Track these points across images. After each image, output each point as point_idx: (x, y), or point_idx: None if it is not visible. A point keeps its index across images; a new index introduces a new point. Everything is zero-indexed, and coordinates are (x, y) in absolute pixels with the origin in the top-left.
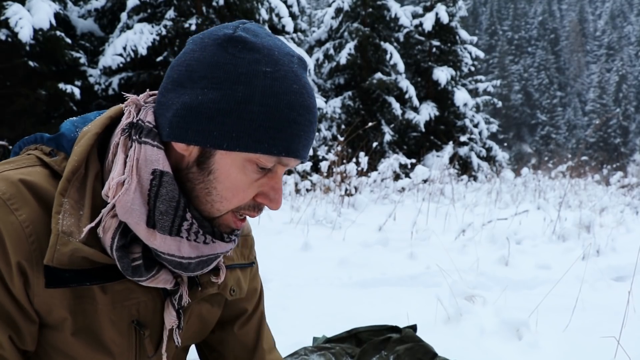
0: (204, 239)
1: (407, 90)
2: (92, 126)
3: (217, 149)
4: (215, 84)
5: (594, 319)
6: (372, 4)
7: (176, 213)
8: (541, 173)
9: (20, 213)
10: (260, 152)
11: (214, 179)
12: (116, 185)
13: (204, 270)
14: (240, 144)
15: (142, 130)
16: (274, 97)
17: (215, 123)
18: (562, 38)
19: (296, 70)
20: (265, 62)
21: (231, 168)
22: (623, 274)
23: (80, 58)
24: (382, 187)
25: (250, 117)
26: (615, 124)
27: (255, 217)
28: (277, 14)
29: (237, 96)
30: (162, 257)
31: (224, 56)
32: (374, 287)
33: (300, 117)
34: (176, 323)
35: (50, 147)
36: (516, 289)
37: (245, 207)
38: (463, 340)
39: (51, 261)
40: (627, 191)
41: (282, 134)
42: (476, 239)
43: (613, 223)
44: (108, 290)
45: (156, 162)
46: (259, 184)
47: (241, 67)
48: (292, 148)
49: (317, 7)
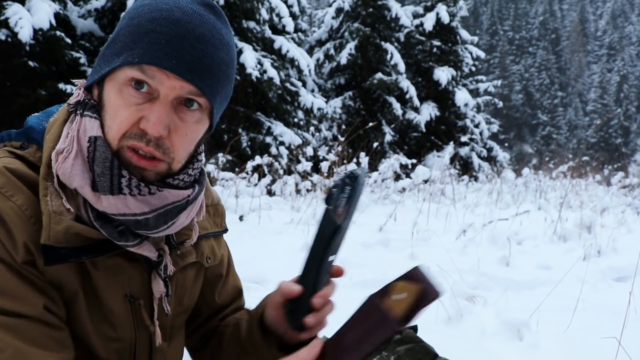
0: (149, 190)
1: (407, 90)
2: (59, 115)
3: (100, 78)
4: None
5: (595, 320)
6: (373, 3)
7: (112, 172)
8: (542, 173)
9: (16, 199)
10: (120, 63)
11: (105, 112)
12: (55, 155)
13: (169, 226)
14: (111, 64)
15: (86, 105)
16: (138, 17)
17: (102, 57)
18: (563, 38)
19: (180, 1)
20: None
21: (111, 94)
22: (624, 274)
23: (80, 58)
24: (383, 188)
25: (119, 39)
26: (616, 124)
27: (152, 154)
28: (277, 14)
29: (116, 30)
30: (117, 220)
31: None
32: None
33: (162, 27)
34: (164, 291)
35: (19, 141)
36: (517, 289)
37: (132, 135)
38: (464, 340)
39: (47, 239)
40: (628, 191)
41: (140, 43)
42: (477, 239)
43: (614, 223)
44: (100, 266)
45: (91, 130)
46: (139, 109)
47: (129, 8)
48: (148, 54)
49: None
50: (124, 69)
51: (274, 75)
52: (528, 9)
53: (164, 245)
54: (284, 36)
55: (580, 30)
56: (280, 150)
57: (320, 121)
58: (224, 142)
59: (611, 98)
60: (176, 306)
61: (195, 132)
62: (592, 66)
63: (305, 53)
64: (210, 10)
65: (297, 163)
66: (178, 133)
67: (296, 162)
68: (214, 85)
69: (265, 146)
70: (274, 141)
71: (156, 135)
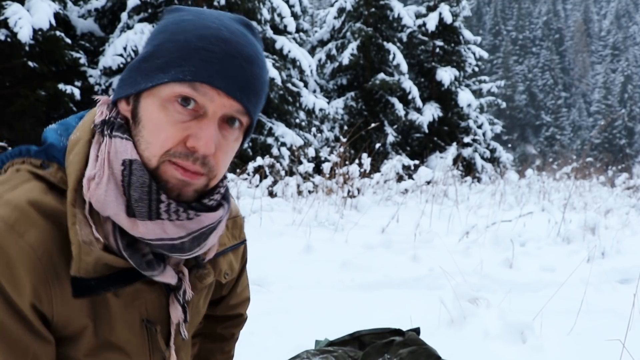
0: (187, 215)
1: (410, 90)
2: (82, 133)
3: (136, 92)
4: (146, 44)
5: (599, 322)
6: (375, 3)
7: (150, 197)
8: (546, 174)
9: (28, 236)
10: (169, 79)
11: (142, 128)
12: (87, 181)
13: (202, 247)
14: (154, 79)
15: (113, 125)
16: (184, 33)
17: (137, 70)
18: (567, 38)
19: (221, 17)
20: (187, 13)
21: (152, 109)
22: (628, 276)
23: (80, 58)
24: (385, 189)
25: (161, 54)
26: (620, 125)
27: (199, 174)
28: (279, 14)
29: (154, 43)
30: (153, 245)
31: (160, 22)
32: (376, 290)
33: (213, 46)
34: (182, 317)
35: (39, 159)
36: (520, 291)
37: (177, 154)
38: (467, 343)
39: (78, 272)
40: (633, 193)
41: (191, 60)
42: (480, 241)
43: (618, 225)
44: (120, 294)
45: (124, 153)
46: (186, 127)
47: (166, 20)
48: (201, 73)
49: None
50: (171, 85)
51: (276, 75)
52: (531, 9)
53: (183, 267)
54: (286, 36)
55: (584, 30)
56: (281, 151)
57: (322, 122)
58: None
59: (615, 98)
60: (191, 328)
61: (233, 150)
62: (596, 66)
63: (307, 53)
64: (250, 31)
65: (298, 164)
66: (222, 151)
67: (298, 163)
68: (257, 104)
69: (267, 147)
70: (276, 142)
71: (208, 154)
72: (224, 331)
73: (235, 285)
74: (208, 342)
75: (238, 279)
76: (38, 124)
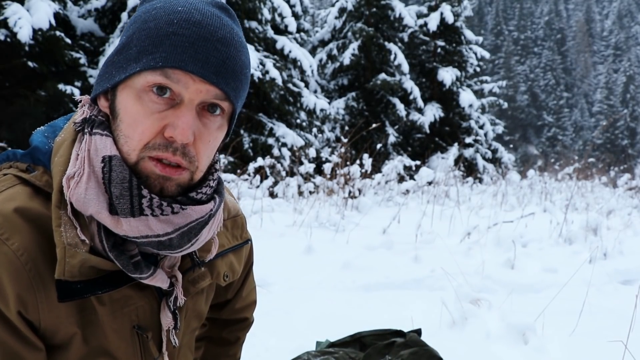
0: (172, 209)
1: (411, 91)
2: (66, 134)
3: (112, 86)
4: (120, 36)
5: (601, 323)
6: (376, 3)
7: (131, 193)
8: (547, 175)
9: (12, 242)
10: (140, 68)
11: (120, 122)
12: (67, 180)
13: (193, 244)
14: (127, 69)
15: (94, 123)
16: (154, 20)
17: (112, 64)
18: (569, 38)
19: (193, 1)
20: (159, 0)
21: (128, 102)
22: (630, 277)
23: (80, 58)
24: (386, 190)
25: (134, 44)
26: (622, 125)
27: (179, 163)
28: (279, 14)
29: (127, 34)
30: (140, 243)
31: (134, 14)
32: (378, 291)
33: (184, 30)
34: (172, 324)
35: (25, 162)
36: (522, 292)
37: (156, 146)
38: (468, 344)
39: (62, 275)
40: (635, 193)
41: (162, 46)
42: (481, 242)
43: (620, 226)
44: (106, 301)
45: (104, 149)
46: (162, 116)
47: (138, 11)
48: (172, 58)
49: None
50: (144, 74)
51: (276, 75)
52: (533, 9)
53: (177, 272)
54: (287, 36)
55: (586, 30)
56: (282, 151)
57: (323, 122)
58: (226, 143)
59: (617, 99)
60: (185, 328)
61: (217, 139)
62: (598, 67)
63: (307, 53)
64: (225, 13)
65: (299, 165)
66: (202, 140)
67: (299, 164)
68: (237, 89)
69: (268, 147)
70: (276, 142)
71: (184, 142)
72: (229, 335)
73: (241, 289)
74: (213, 346)
75: (244, 282)
76: (38, 124)
